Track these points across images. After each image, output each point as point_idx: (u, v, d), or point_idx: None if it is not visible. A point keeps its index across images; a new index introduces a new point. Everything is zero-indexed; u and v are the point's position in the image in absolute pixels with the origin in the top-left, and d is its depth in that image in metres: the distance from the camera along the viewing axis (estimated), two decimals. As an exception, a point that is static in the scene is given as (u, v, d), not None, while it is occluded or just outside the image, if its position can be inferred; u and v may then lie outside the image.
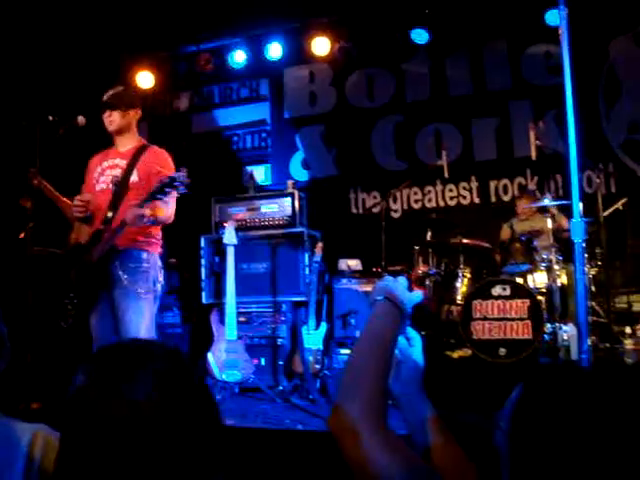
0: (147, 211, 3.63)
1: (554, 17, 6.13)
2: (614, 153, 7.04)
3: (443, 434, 1.43)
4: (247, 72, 8.26)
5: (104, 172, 4.00)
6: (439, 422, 1.45)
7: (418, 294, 1.50)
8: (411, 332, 1.54)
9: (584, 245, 5.41)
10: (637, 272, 6.07)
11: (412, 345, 1.53)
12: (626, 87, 7.10)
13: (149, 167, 3.88)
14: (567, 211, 4.40)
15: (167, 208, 3.81)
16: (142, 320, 3.77)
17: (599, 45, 7.05)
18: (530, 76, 7.30)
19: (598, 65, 7.12)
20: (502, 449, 1.11)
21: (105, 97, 3.99)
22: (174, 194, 3.75)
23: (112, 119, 3.97)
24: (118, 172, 3.93)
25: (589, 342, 5.09)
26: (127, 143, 4.05)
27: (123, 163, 3.95)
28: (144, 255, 3.85)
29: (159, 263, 3.98)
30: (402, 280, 1.51)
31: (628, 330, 5.14)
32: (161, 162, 3.93)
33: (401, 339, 1.51)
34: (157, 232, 4.00)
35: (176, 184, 3.54)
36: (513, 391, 1.13)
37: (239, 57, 8.02)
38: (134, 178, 3.88)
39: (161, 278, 3.97)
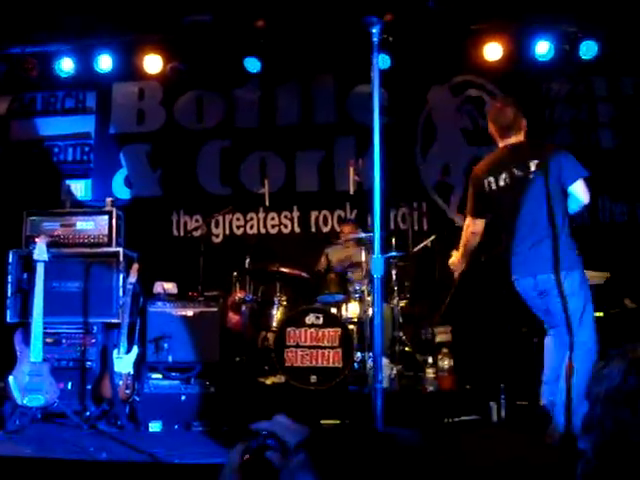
0: None
1: (380, 61, 6.46)
2: (427, 193, 7.52)
3: None
4: (74, 82, 7.95)
5: None
6: None
7: None
8: None
9: (395, 278, 5.80)
10: (441, 305, 6.48)
11: None
12: (441, 132, 7.65)
13: None
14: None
15: None
16: None
17: (420, 91, 7.56)
18: (355, 114, 7.62)
19: (417, 110, 7.63)
20: None
21: None
22: None
23: None
24: None
25: (395, 371, 5.39)
26: None
27: None
28: None
29: None
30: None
31: (430, 360, 5.45)
32: None
33: None
34: None
35: None
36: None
37: (66, 65, 7.69)
38: None
39: None
